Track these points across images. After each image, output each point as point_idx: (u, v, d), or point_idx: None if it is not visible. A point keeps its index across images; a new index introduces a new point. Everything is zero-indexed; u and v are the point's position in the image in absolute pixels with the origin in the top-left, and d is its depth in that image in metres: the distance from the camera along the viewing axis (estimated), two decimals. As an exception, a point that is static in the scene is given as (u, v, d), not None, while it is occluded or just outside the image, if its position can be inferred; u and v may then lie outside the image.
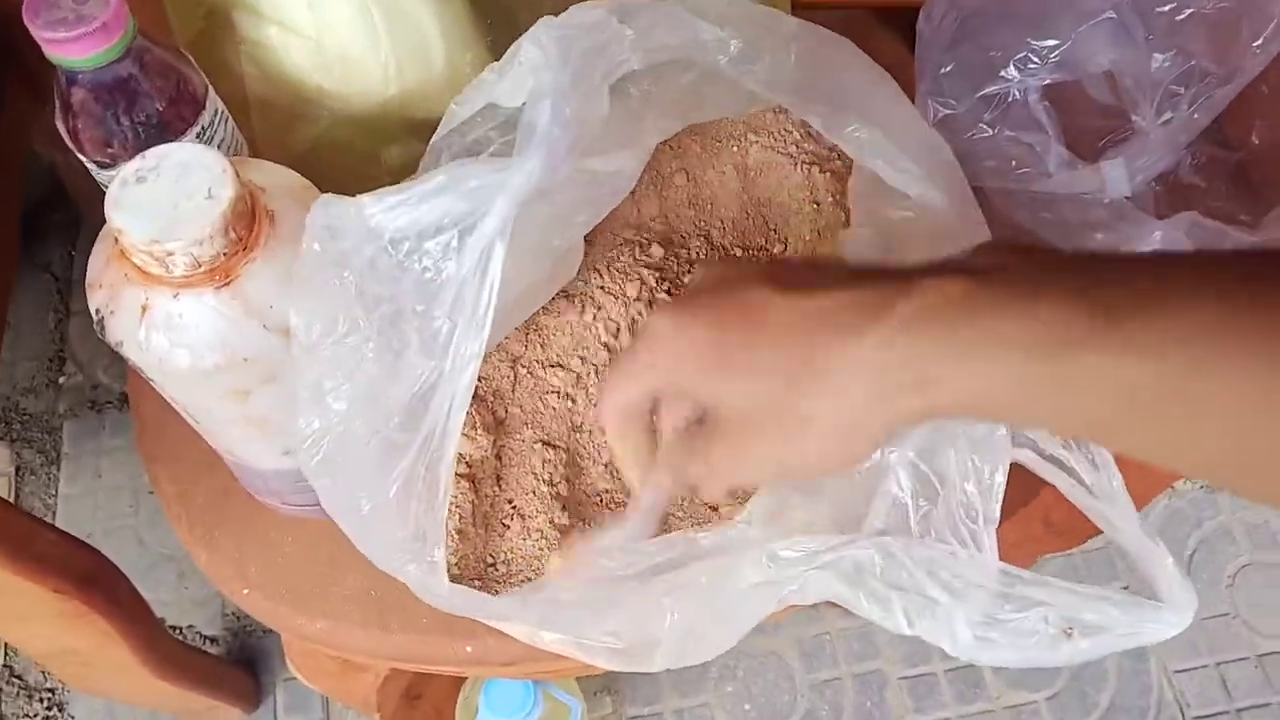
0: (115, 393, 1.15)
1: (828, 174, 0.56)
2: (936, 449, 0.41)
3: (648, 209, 0.56)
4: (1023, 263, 0.31)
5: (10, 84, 0.82)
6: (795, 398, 0.33)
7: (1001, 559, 0.40)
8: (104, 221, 0.37)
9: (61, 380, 1.17)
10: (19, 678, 1.02)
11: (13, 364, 1.16)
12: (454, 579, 0.43)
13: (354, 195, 0.41)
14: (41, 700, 1.01)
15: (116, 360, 1.17)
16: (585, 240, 0.52)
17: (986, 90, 0.55)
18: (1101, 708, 0.99)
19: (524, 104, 0.40)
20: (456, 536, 0.47)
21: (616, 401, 0.38)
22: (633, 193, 0.52)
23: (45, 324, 1.19)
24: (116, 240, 0.38)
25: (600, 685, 0.99)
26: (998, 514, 0.41)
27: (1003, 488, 0.41)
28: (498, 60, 0.44)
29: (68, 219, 1.21)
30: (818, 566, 0.40)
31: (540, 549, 0.48)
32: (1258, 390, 0.26)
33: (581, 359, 0.52)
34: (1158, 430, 0.29)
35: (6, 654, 1.03)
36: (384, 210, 0.37)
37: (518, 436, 0.50)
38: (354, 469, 0.39)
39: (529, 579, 0.47)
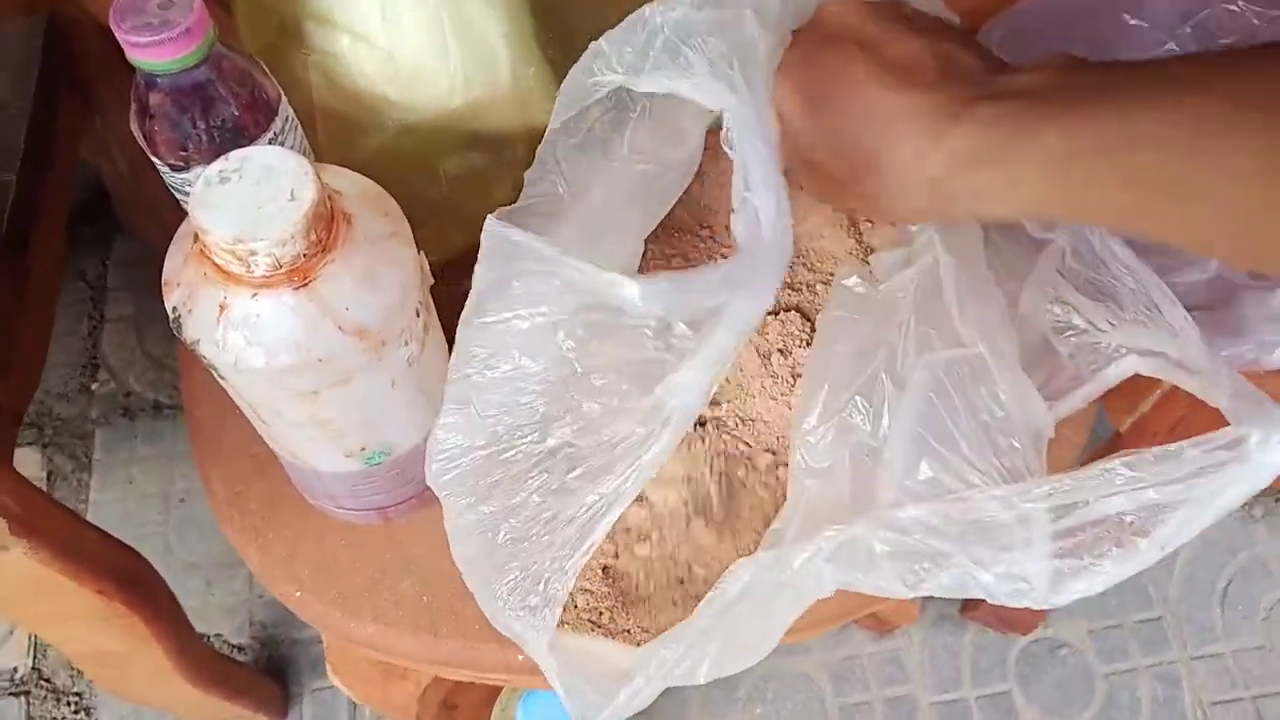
0: (148, 401, 1.16)
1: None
2: (936, 409, 0.41)
3: (706, 195, 0.55)
4: (1062, 79, 0.35)
5: (64, 94, 0.83)
6: (859, 182, 0.38)
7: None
8: (144, 231, 0.37)
9: (94, 387, 1.17)
10: (47, 680, 1.02)
11: (46, 369, 1.17)
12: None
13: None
14: (69, 704, 1.01)
15: (149, 369, 1.18)
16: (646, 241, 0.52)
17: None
18: (1135, 739, 0.98)
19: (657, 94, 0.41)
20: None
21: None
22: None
23: (79, 331, 1.20)
24: (196, 239, 0.38)
25: (627, 704, 0.99)
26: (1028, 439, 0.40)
27: (1018, 416, 0.40)
28: (559, 77, 0.44)
29: (103, 229, 1.22)
30: (825, 559, 0.40)
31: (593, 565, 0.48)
32: (1253, 168, 0.30)
33: None
34: (1168, 211, 0.33)
35: (35, 656, 1.03)
36: (647, 290, 0.36)
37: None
38: (496, 496, 0.40)
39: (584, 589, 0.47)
